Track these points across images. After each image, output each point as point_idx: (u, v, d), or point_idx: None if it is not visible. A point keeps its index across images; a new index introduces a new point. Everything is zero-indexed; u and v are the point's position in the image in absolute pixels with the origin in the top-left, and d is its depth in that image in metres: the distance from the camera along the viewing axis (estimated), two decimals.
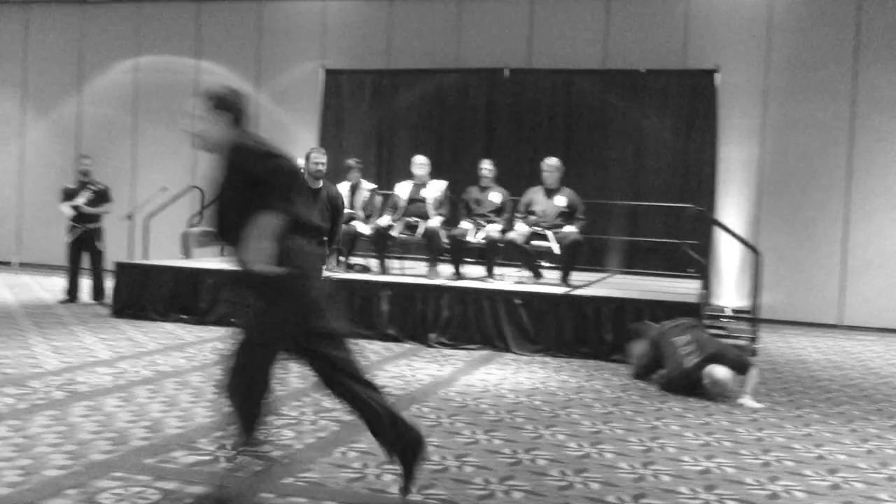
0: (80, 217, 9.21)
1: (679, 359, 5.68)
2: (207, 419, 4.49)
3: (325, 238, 5.55)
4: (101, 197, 9.37)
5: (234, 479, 3.22)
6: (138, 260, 9.19)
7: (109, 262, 9.19)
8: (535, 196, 8.18)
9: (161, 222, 10.42)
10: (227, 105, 3.22)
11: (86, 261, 9.31)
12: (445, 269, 8.17)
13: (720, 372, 5.50)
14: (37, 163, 13.44)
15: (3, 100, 13.62)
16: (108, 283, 8.98)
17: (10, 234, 13.58)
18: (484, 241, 8.02)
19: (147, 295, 8.31)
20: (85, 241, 9.25)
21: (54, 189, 10.40)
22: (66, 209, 9.21)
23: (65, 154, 13.17)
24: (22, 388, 5.03)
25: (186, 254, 6.63)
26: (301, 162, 13.27)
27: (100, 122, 13.15)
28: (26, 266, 12.89)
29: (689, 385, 5.63)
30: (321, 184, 7.21)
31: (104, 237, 9.46)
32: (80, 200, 9.20)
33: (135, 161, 12.96)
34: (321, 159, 7.33)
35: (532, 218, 8.02)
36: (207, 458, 3.79)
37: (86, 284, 9.35)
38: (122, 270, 8.50)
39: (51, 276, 11.70)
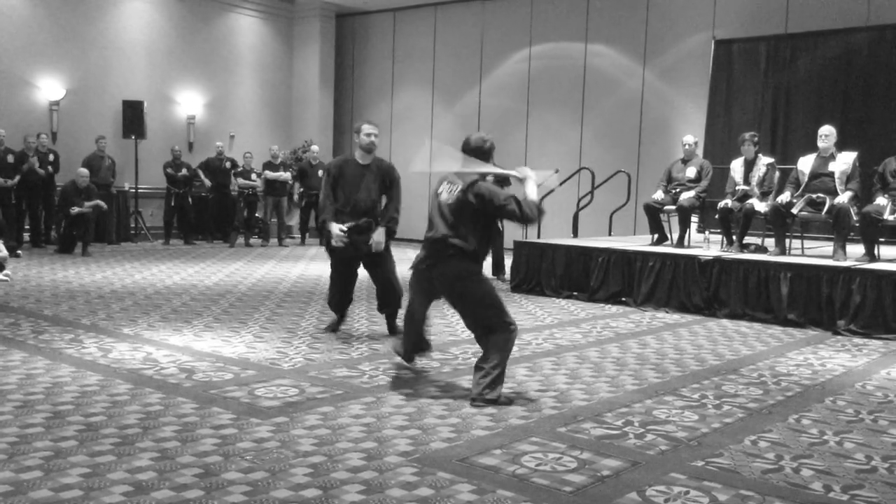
0: None
1: None
2: (610, 394, 4.64)
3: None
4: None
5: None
6: (533, 239, 9.76)
7: (509, 240, 9.91)
8: None
9: (552, 203, 10.91)
10: None
11: None
12: (854, 249, 7.51)
13: None
14: None
15: (417, 96, 15.33)
16: (507, 260, 9.70)
17: (424, 216, 15.27)
18: None
19: (542, 271, 8.82)
20: None
21: None
22: None
23: None
24: (445, 354, 5.66)
25: None
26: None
27: (496, 111, 14.16)
28: None
29: None
30: (370, 158, 6.39)
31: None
32: None
33: (527, 146, 13.75)
34: (373, 131, 6.23)
35: None
36: (616, 432, 3.92)
37: (487, 261, 10.17)
38: (520, 248, 9.12)
39: None
